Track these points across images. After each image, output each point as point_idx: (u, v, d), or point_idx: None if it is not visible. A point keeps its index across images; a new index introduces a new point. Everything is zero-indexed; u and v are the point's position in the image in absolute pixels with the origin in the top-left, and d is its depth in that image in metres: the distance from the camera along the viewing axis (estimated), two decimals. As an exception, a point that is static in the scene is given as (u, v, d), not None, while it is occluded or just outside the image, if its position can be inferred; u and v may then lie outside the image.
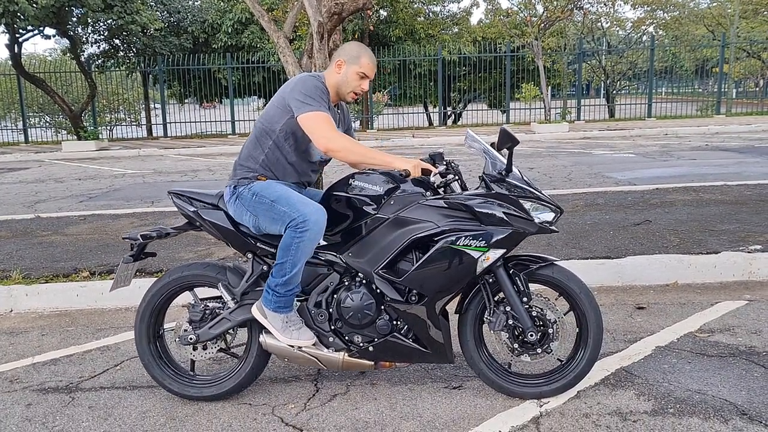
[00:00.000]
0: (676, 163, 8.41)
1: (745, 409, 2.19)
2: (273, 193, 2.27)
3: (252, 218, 2.31)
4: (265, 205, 2.26)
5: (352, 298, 2.28)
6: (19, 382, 2.66)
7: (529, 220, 2.20)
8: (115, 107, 18.03)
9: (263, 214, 2.28)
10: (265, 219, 2.27)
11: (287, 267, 2.20)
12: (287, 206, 2.21)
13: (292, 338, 2.28)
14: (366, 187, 2.29)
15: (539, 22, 15.60)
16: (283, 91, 2.34)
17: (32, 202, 7.21)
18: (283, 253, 2.20)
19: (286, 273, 2.21)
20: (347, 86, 2.34)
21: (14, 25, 13.04)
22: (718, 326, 2.96)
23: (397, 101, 19.33)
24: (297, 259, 2.19)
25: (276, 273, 2.23)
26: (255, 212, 2.29)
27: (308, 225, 2.17)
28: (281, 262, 2.21)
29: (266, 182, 2.34)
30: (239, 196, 2.34)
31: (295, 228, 2.18)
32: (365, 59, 2.33)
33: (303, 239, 2.18)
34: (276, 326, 2.28)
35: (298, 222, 2.17)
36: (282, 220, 2.22)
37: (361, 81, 2.34)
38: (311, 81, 2.29)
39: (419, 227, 2.21)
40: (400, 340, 2.29)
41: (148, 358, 2.44)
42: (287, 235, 2.20)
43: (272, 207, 2.25)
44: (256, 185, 2.32)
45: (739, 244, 3.92)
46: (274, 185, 2.32)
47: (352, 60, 2.33)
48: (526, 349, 2.30)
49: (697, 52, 21.07)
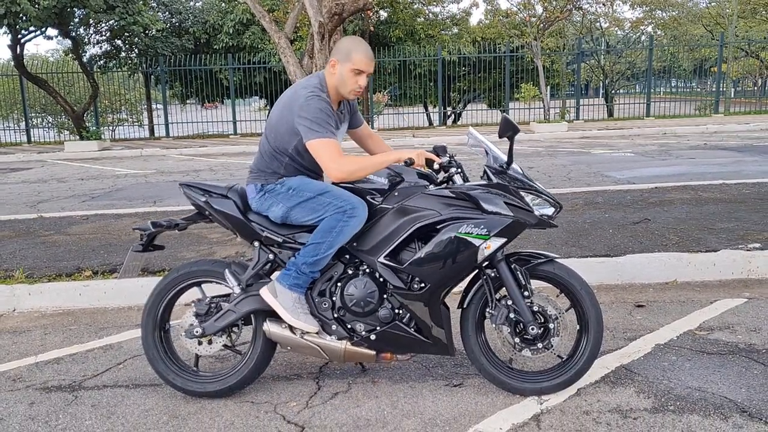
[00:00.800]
0: (674, 162, 8.42)
1: (745, 407, 2.21)
2: (315, 187, 2.35)
3: (283, 209, 2.36)
4: (305, 197, 2.33)
5: (355, 285, 2.33)
6: (22, 380, 2.68)
7: (529, 211, 2.25)
8: (117, 108, 18.04)
9: (300, 206, 2.33)
10: (302, 210, 2.33)
11: (323, 248, 2.26)
12: (333, 197, 2.29)
13: (299, 320, 2.31)
14: (371, 178, 2.36)
15: (538, 22, 15.61)
16: (290, 109, 2.33)
17: (35, 202, 7.22)
18: (323, 235, 2.26)
19: (319, 254, 2.26)
20: (345, 87, 2.33)
21: (16, 25, 13.05)
22: (717, 324, 2.97)
23: (397, 101, 19.35)
24: (335, 242, 2.26)
25: (308, 252, 2.28)
26: (288, 203, 2.35)
27: (357, 212, 2.25)
28: (318, 242, 2.26)
29: (299, 177, 2.40)
30: (269, 191, 2.39)
31: (344, 212, 2.25)
32: (357, 54, 2.29)
33: (348, 224, 2.25)
34: (286, 305, 2.30)
35: (347, 208, 2.25)
36: (325, 209, 2.28)
37: (358, 78, 2.31)
38: (315, 103, 2.26)
39: (422, 215, 2.26)
40: (401, 329, 2.31)
41: (153, 352, 2.47)
42: (332, 218, 2.26)
43: (315, 199, 2.31)
44: (291, 180, 2.39)
45: (738, 242, 3.93)
46: (311, 181, 2.40)
47: (344, 58, 2.30)
48: (527, 343, 2.32)
49: (695, 51, 21.09)
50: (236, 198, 2.44)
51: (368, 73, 2.34)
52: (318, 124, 2.25)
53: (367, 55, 2.32)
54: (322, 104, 2.28)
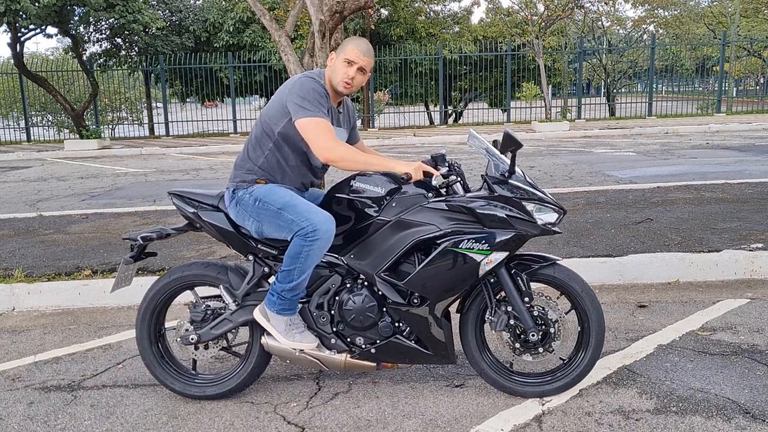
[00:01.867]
0: (676, 162, 8.40)
1: (748, 408, 2.19)
2: (278, 200, 2.23)
3: (255, 224, 2.28)
4: (270, 212, 2.23)
5: (354, 300, 2.27)
6: (21, 380, 2.67)
7: (531, 222, 2.19)
8: (117, 106, 18.03)
9: (268, 221, 2.24)
10: (270, 226, 2.24)
11: (295, 274, 2.18)
12: (295, 214, 2.18)
13: (294, 341, 2.27)
14: (367, 188, 2.28)
15: (540, 20, 15.58)
16: (282, 92, 2.30)
17: (34, 201, 7.21)
18: (291, 261, 2.18)
19: (293, 279, 2.19)
20: (336, 76, 2.28)
21: (16, 24, 13.04)
22: (720, 324, 2.95)
23: (398, 100, 19.31)
24: (305, 266, 2.18)
25: (282, 279, 2.21)
26: (258, 218, 2.26)
27: (318, 234, 2.14)
28: (289, 269, 2.19)
29: (268, 187, 2.29)
30: (239, 201, 2.30)
31: (305, 237, 2.14)
32: (350, 45, 2.28)
33: (312, 248, 2.15)
34: (279, 329, 2.26)
35: (308, 231, 2.14)
36: (289, 228, 2.18)
37: (348, 68, 2.25)
38: (309, 83, 2.23)
39: (421, 230, 2.20)
40: (402, 341, 2.28)
41: (149, 357, 2.44)
42: (296, 243, 2.17)
43: (278, 214, 2.21)
44: (258, 190, 2.28)
45: (741, 242, 3.92)
46: (277, 190, 2.27)
47: (339, 50, 2.32)
48: (527, 348, 2.30)
49: (697, 50, 21.02)
50: (227, 209, 2.37)
51: (360, 66, 2.26)
52: (309, 102, 2.18)
53: (360, 48, 2.28)
54: (317, 86, 2.24)
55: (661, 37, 22.86)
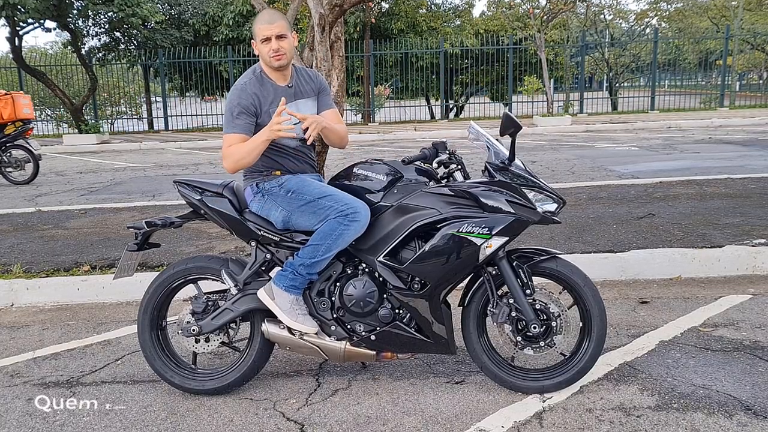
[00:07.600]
0: (679, 157, 8.36)
1: (750, 404, 2.18)
2: (314, 191, 2.29)
3: (283, 213, 2.32)
4: (304, 200, 2.28)
5: (354, 285, 2.29)
6: (20, 376, 2.66)
7: (531, 208, 2.21)
8: (116, 100, 17.96)
9: (300, 210, 2.29)
10: (303, 214, 2.29)
11: (321, 250, 2.22)
12: (334, 201, 2.24)
13: (297, 321, 2.28)
14: (369, 175, 2.32)
15: (542, 14, 15.48)
16: None
17: (33, 196, 7.20)
18: (322, 237, 2.22)
19: (317, 256, 2.23)
20: (264, 58, 2.34)
21: (14, 17, 12.97)
22: (722, 321, 2.94)
23: (398, 94, 19.25)
24: (333, 245, 2.22)
25: (305, 254, 2.24)
26: (289, 208, 2.31)
27: (358, 217, 2.20)
28: (316, 244, 2.22)
29: (299, 178, 2.36)
30: (267, 193, 2.35)
31: (345, 217, 2.20)
32: (256, 26, 2.33)
33: (349, 228, 2.20)
34: (283, 307, 2.28)
35: (348, 212, 2.20)
36: (326, 214, 2.24)
37: (268, 44, 2.29)
38: (230, 97, 2.32)
39: (422, 214, 2.21)
40: (402, 329, 2.28)
41: (150, 350, 2.44)
42: (333, 222, 2.21)
43: (315, 203, 2.26)
44: (290, 182, 2.34)
45: (743, 237, 3.89)
46: (310, 181, 2.35)
47: (253, 37, 2.36)
48: (529, 342, 2.29)
49: (700, 44, 20.90)
50: (231, 196, 2.40)
51: (276, 34, 2.28)
52: (226, 119, 2.32)
53: (265, 20, 2.33)
54: (234, 97, 2.31)
55: (664, 31, 22.74)
